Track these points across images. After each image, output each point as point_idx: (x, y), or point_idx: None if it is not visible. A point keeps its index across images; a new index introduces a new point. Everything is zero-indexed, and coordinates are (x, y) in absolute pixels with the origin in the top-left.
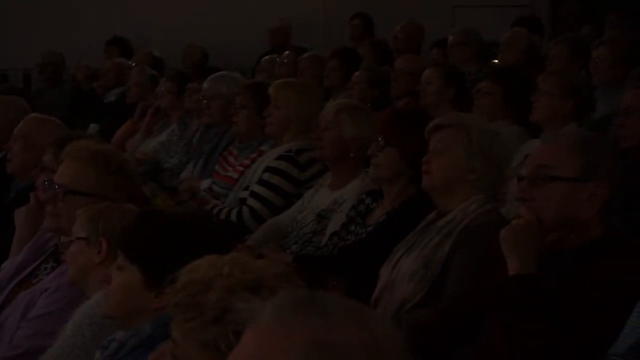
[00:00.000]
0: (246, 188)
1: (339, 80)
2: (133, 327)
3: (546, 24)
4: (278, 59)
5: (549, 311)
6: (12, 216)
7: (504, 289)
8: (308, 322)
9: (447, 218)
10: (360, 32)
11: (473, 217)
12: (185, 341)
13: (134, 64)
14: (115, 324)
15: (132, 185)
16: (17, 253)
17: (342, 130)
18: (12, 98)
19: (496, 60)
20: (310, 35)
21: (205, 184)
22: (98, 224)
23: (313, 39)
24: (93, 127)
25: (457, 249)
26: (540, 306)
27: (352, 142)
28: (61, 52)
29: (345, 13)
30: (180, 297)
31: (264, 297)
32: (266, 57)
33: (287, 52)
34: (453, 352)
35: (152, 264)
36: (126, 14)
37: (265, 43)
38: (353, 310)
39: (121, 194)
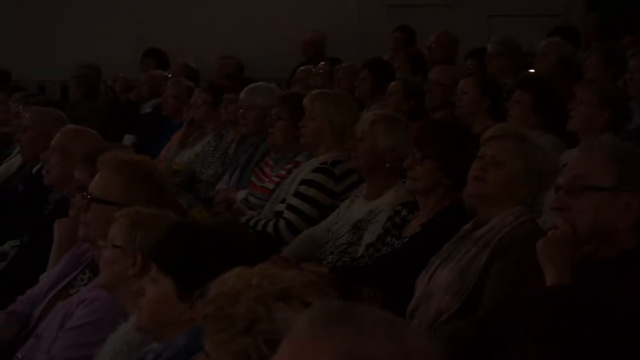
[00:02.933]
0: (282, 200)
1: (370, 90)
2: (166, 338)
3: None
4: (313, 70)
5: (585, 322)
6: (51, 227)
7: (541, 300)
8: (340, 334)
9: (484, 229)
10: (402, 44)
11: (510, 228)
12: (217, 353)
13: (169, 76)
14: (149, 336)
15: (163, 195)
16: (55, 264)
17: (377, 140)
18: (49, 109)
19: (532, 70)
20: (344, 46)
21: (241, 194)
22: (136, 235)
23: (347, 50)
24: (128, 139)
25: (494, 260)
26: (577, 317)
27: (387, 153)
28: (97, 64)
29: (379, 24)
30: (210, 310)
31: (294, 306)
32: (302, 68)
33: (322, 62)
34: None
35: (186, 276)
36: (162, 26)
37: (300, 54)
38: (386, 322)
39: (149, 203)
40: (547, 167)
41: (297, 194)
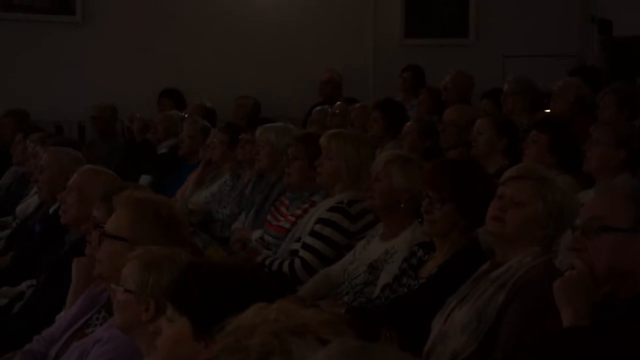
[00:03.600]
0: (298, 239)
1: (382, 130)
2: None
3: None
4: (330, 110)
5: None
6: (67, 268)
7: (558, 341)
8: None
9: (501, 270)
10: (411, 84)
11: (527, 269)
12: None
13: (186, 116)
14: None
15: (176, 233)
16: (73, 303)
17: (392, 181)
18: (67, 149)
19: (548, 110)
20: (361, 86)
21: (256, 234)
22: (149, 279)
23: (364, 90)
24: (145, 179)
25: (510, 301)
26: (593, 358)
27: (402, 193)
28: (114, 104)
29: (395, 64)
30: (226, 342)
31: (309, 342)
32: (318, 108)
33: (338, 103)
34: None
35: (202, 316)
36: (179, 66)
37: (317, 94)
38: None
39: (158, 240)
40: (567, 208)
41: (312, 233)
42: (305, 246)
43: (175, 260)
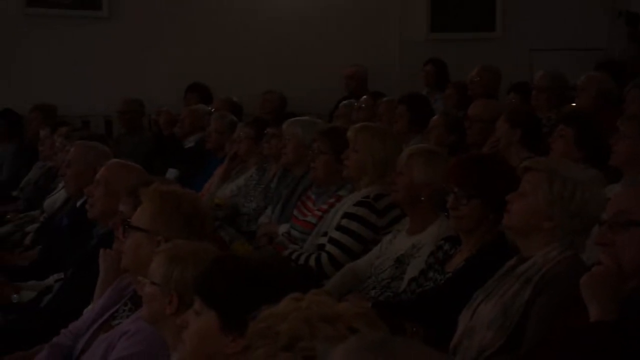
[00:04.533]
0: (324, 234)
1: (408, 125)
2: None
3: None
4: (355, 104)
5: (629, 358)
6: (94, 261)
7: (584, 336)
8: None
9: (527, 265)
10: (434, 78)
11: (553, 263)
12: None
13: (212, 110)
14: None
15: (198, 226)
16: (99, 297)
17: (413, 174)
18: (94, 144)
19: (574, 104)
20: (387, 80)
21: (283, 228)
22: (173, 272)
23: (390, 84)
24: (171, 172)
25: (537, 296)
26: (620, 353)
27: (422, 187)
28: (141, 98)
29: (421, 59)
30: (257, 327)
31: (338, 329)
32: (344, 102)
33: (364, 97)
34: None
35: (229, 309)
36: (206, 60)
37: (342, 89)
38: (425, 358)
39: (182, 233)
40: (582, 204)
41: (339, 228)
42: (332, 241)
43: (201, 254)
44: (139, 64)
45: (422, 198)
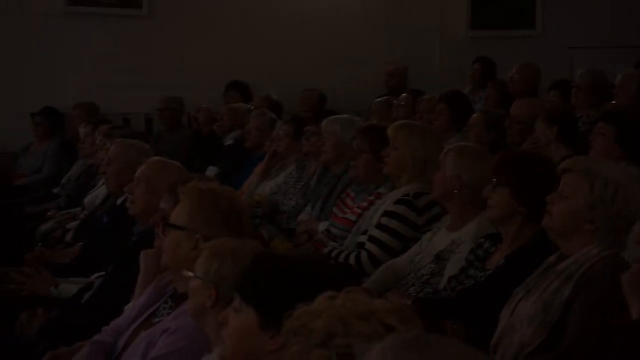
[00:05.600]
0: (364, 232)
1: (447, 123)
2: None
3: None
4: (395, 102)
5: None
6: (135, 259)
7: (625, 334)
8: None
9: (567, 262)
10: (481, 76)
11: (594, 261)
12: None
13: (252, 108)
14: None
15: (236, 223)
16: (140, 295)
17: (446, 169)
18: (134, 141)
19: (614, 102)
20: (427, 78)
21: (322, 226)
22: (212, 266)
23: (430, 81)
24: (212, 170)
25: (577, 294)
26: None
27: (452, 181)
28: (180, 96)
29: (461, 56)
30: (292, 325)
31: (373, 326)
32: (379, 99)
33: (404, 94)
34: None
35: (268, 306)
36: (246, 58)
37: (382, 86)
38: (463, 356)
39: (220, 230)
40: (623, 206)
41: (379, 226)
42: (372, 239)
43: (240, 251)
44: (179, 61)
45: (455, 191)
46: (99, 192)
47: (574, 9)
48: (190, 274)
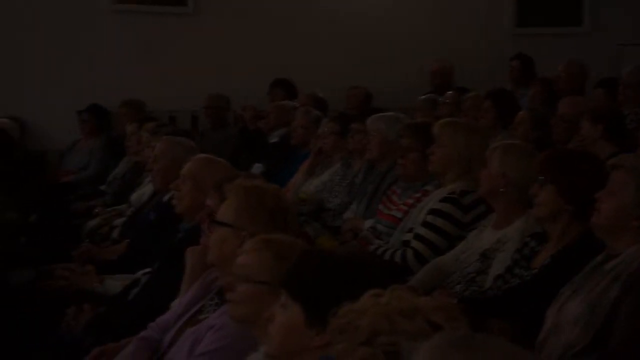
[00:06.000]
0: (410, 230)
1: (493, 120)
2: None
3: None
4: (440, 99)
5: None
6: (181, 256)
7: None
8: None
9: (614, 262)
10: (520, 73)
11: None
12: None
13: (298, 106)
14: None
15: (282, 221)
16: (187, 292)
17: (492, 167)
18: (180, 139)
19: None
20: (472, 75)
21: (368, 223)
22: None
23: (475, 79)
24: (257, 167)
25: (624, 294)
26: None
27: (498, 178)
28: (226, 94)
29: (507, 54)
30: (338, 323)
31: (418, 324)
32: (422, 97)
33: (449, 92)
34: None
35: (315, 303)
36: (291, 56)
37: (427, 84)
38: (512, 356)
39: (266, 228)
40: None
41: (425, 224)
42: (418, 237)
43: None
44: (225, 59)
45: (501, 189)
46: (145, 189)
47: (621, 5)
48: (243, 276)
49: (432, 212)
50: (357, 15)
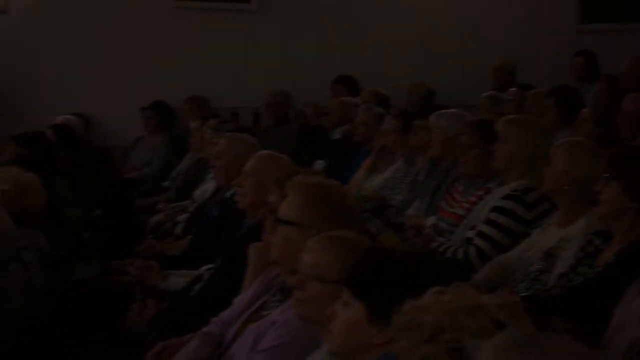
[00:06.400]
0: (472, 227)
1: (556, 117)
2: None
3: None
4: (503, 96)
5: None
6: (244, 252)
7: None
8: None
9: None
10: (584, 69)
11: None
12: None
13: (360, 102)
14: None
15: (346, 218)
16: (249, 287)
17: (556, 164)
18: (243, 136)
19: None
20: (535, 72)
21: (430, 220)
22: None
23: (538, 76)
24: (319, 164)
25: None
26: None
27: (562, 175)
28: (288, 90)
29: (571, 51)
30: (401, 320)
31: (481, 321)
32: (485, 94)
33: (512, 89)
34: None
35: (377, 300)
36: (353, 53)
37: (490, 81)
38: (574, 354)
39: (330, 225)
40: None
41: (488, 221)
42: (481, 234)
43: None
44: (287, 56)
45: (565, 187)
46: (208, 185)
47: None
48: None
49: (495, 209)
50: (420, 11)
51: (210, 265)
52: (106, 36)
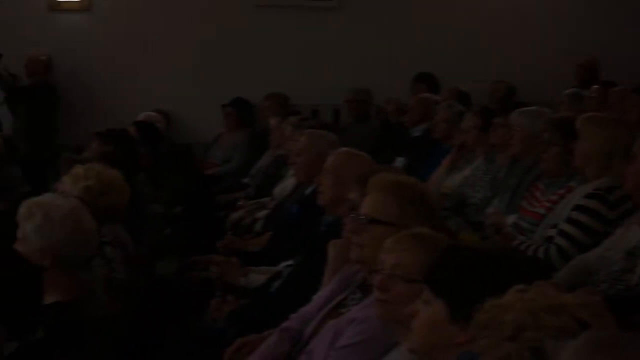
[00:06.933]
0: (554, 226)
1: (638, 115)
2: None
3: None
4: (586, 93)
5: None
6: (323, 248)
7: None
8: None
9: None
10: None
11: None
12: (482, 357)
13: (440, 100)
14: (421, 359)
15: (433, 216)
16: (328, 284)
17: (638, 163)
18: (324, 133)
19: None
20: (619, 69)
21: (510, 219)
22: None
23: (623, 73)
24: (399, 161)
25: None
26: None
27: None
28: (368, 87)
29: None
30: (482, 318)
31: (564, 321)
32: (567, 92)
33: (594, 86)
34: None
35: (459, 299)
36: (433, 49)
37: (572, 78)
38: None
39: (422, 224)
40: None
41: (569, 220)
42: (562, 233)
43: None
44: (367, 53)
45: None
46: (288, 182)
47: None
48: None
49: (577, 208)
50: (502, 8)
51: (289, 262)
52: (187, 34)
